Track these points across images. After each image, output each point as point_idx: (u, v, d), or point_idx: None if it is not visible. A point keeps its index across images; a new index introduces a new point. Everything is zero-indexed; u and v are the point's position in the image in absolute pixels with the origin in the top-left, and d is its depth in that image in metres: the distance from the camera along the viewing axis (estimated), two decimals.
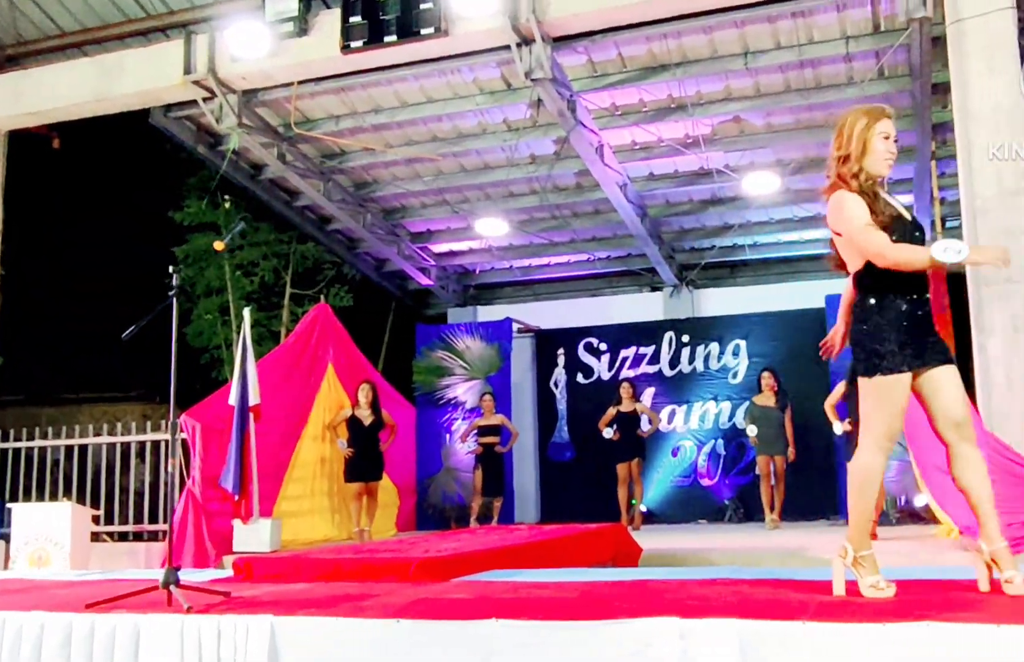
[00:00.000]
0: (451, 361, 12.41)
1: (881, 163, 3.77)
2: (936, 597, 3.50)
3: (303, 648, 3.65)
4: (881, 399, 3.72)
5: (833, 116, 9.51)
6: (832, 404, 8.79)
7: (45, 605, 4.23)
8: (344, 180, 11.82)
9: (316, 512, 9.63)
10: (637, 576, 4.93)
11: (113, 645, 3.92)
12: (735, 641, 3.06)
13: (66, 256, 17.79)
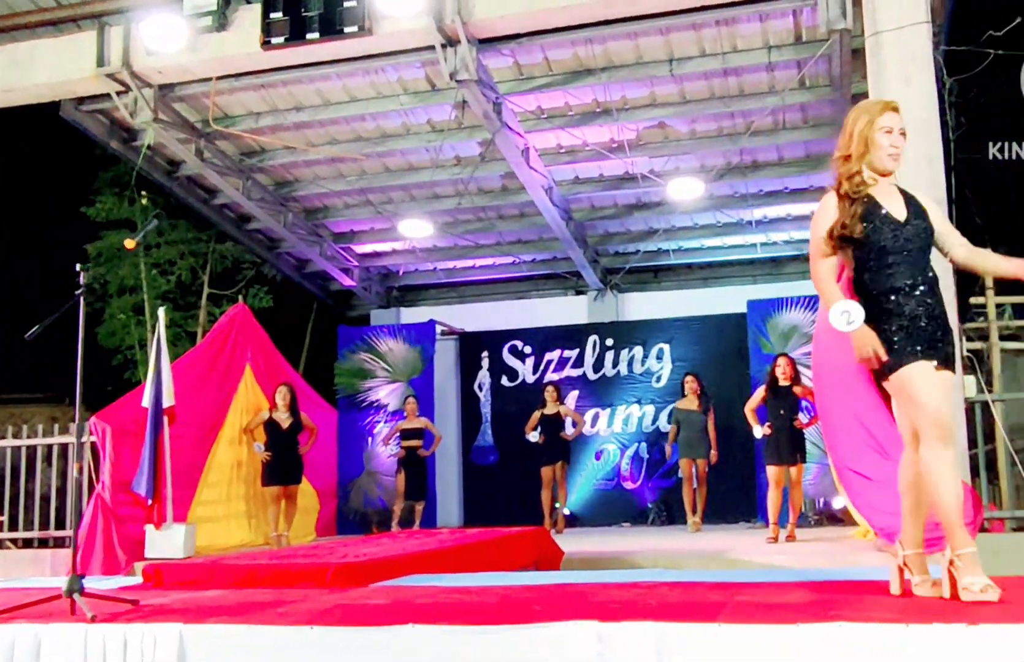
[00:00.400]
0: (373, 363, 12.29)
1: (885, 159, 3.72)
2: (848, 597, 3.55)
3: (213, 657, 3.55)
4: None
5: (755, 124, 9.74)
6: (752, 408, 8.92)
7: None
8: (264, 178, 11.61)
9: (232, 517, 9.43)
10: (557, 580, 4.91)
11: (12, 657, 3.75)
12: (652, 643, 3.07)
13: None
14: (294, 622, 3.62)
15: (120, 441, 8.03)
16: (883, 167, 3.74)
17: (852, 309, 3.58)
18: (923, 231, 3.70)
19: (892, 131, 3.71)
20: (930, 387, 3.55)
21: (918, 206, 3.74)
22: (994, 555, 6.41)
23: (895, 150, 3.72)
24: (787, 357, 9.12)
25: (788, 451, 8.64)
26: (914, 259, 3.67)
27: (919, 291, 3.64)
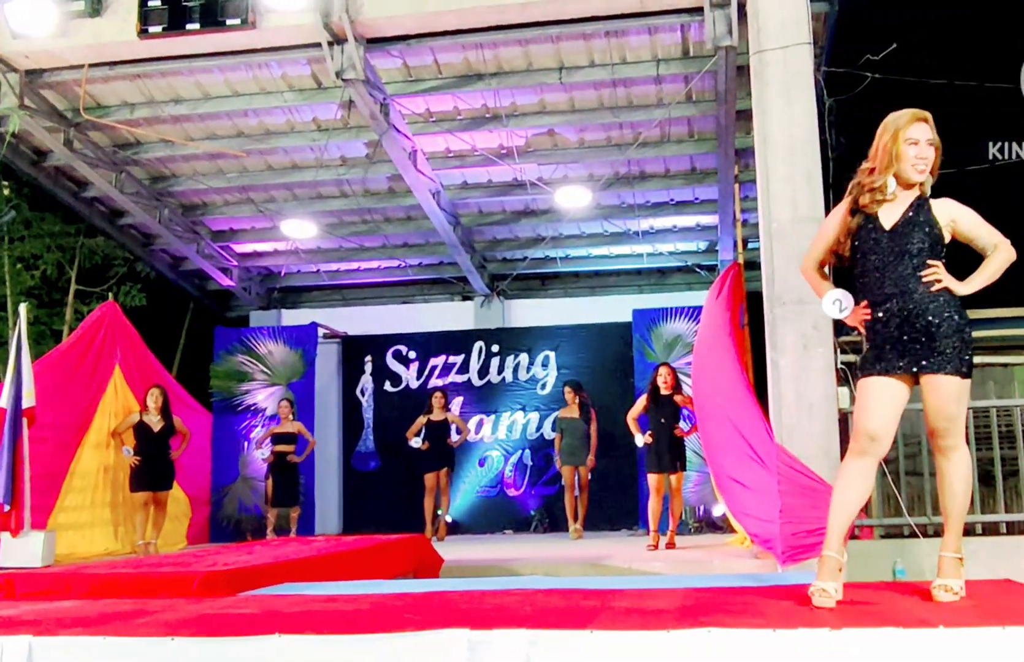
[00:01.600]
0: (252, 366, 11.96)
1: (910, 170, 3.71)
2: (722, 603, 3.57)
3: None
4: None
5: (642, 135, 9.87)
6: (634, 417, 9.01)
7: None
8: (139, 172, 11.18)
9: (97, 524, 9.03)
10: (432, 588, 4.82)
11: None
12: (523, 650, 3.02)
13: None
14: (154, 633, 3.44)
15: None
16: (908, 179, 3.73)
17: (843, 297, 3.70)
18: (910, 240, 3.68)
19: (919, 142, 3.71)
20: (866, 399, 3.67)
21: (923, 215, 3.72)
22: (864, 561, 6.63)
23: (920, 161, 3.71)
24: (668, 366, 9.26)
25: (668, 459, 8.76)
26: (890, 265, 3.68)
27: (892, 301, 3.66)
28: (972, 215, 3.76)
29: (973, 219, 3.75)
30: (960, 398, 3.61)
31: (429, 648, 3.12)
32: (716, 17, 7.79)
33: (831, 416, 6.65)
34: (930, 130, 3.74)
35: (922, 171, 3.72)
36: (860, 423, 3.66)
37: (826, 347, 6.75)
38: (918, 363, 3.60)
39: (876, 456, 3.67)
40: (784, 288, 6.80)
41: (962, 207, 3.76)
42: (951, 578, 3.54)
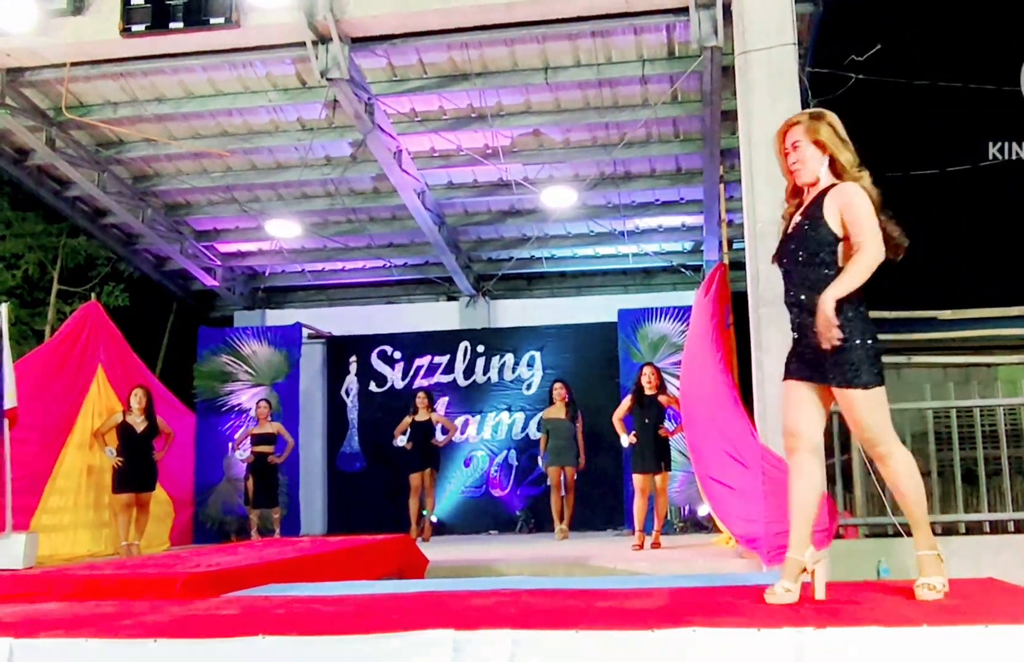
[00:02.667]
0: (236, 366, 11.92)
1: (791, 176, 3.84)
2: (706, 603, 3.57)
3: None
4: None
5: (628, 135, 9.88)
6: (619, 417, 9.01)
7: None
8: (122, 171, 11.13)
9: (80, 526, 8.98)
10: (417, 588, 4.80)
11: None
12: (507, 650, 3.02)
13: None
14: (136, 635, 3.42)
15: None
16: (795, 184, 3.84)
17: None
18: (799, 248, 3.72)
19: (788, 152, 3.80)
20: (784, 400, 3.77)
21: (811, 217, 3.71)
22: (848, 559, 6.65)
23: (796, 165, 3.78)
24: (652, 366, 9.27)
25: (653, 459, 8.77)
26: (790, 272, 3.76)
27: (793, 311, 3.76)
28: (856, 207, 3.62)
29: (854, 212, 3.62)
30: (871, 408, 3.61)
31: (414, 649, 3.11)
32: (701, 17, 7.80)
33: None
34: (799, 131, 3.77)
35: (799, 171, 3.78)
36: (783, 423, 3.80)
37: None
38: (822, 376, 3.66)
39: (806, 451, 3.74)
40: (769, 288, 6.80)
41: (853, 195, 3.65)
42: (933, 575, 3.55)
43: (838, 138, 3.74)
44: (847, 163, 3.71)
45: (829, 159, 3.73)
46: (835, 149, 3.72)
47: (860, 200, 3.62)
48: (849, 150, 3.74)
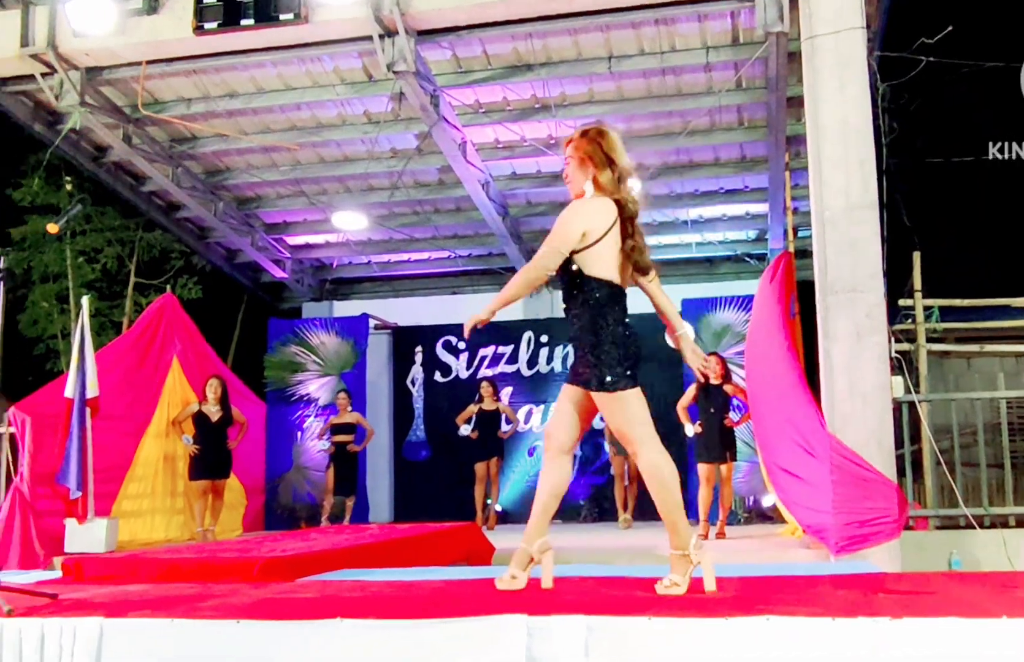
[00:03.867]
0: (305, 357, 12.13)
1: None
2: (777, 592, 3.57)
3: (134, 652, 3.44)
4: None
5: (691, 124, 9.82)
6: (684, 407, 9.00)
7: None
8: (195, 166, 11.37)
9: (158, 512, 9.23)
10: (487, 574, 4.87)
11: None
12: (581, 636, 3.06)
13: None
14: (219, 616, 3.54)
15: (40, 433, 7.79)
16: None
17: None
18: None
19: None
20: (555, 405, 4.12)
21: None
22: (919, 551, 6.58)
23: (565, 178, 4.12)
24: (717, 356, 9.23)
25: (718, 449, 8.74)
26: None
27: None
28: (559, 221, 3.94)
29: (556, 226, 3.94)
30: (613, 410, 3.90)
31: (488, 633, 3.16)
32: (767, 3, 7.70)
33: (885, 405, 6.59)
34: (571, 147, 4.07)
35: (569, 185, 4.10)
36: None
37: (880, 335, 6.69)
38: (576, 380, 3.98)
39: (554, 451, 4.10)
40: (837, 276, 6.75)
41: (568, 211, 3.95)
42: (675, 573, 3.80)
43: (603, 156, 3.95)
44: (606, 182, 3.94)
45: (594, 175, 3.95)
46: (598, 167, 3.94)
47: (568, 217, 3.93)
48: (614, 168, 3.95)
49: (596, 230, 3.89)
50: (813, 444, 6.78)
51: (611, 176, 3.95)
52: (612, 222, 3.91)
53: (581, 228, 3.88)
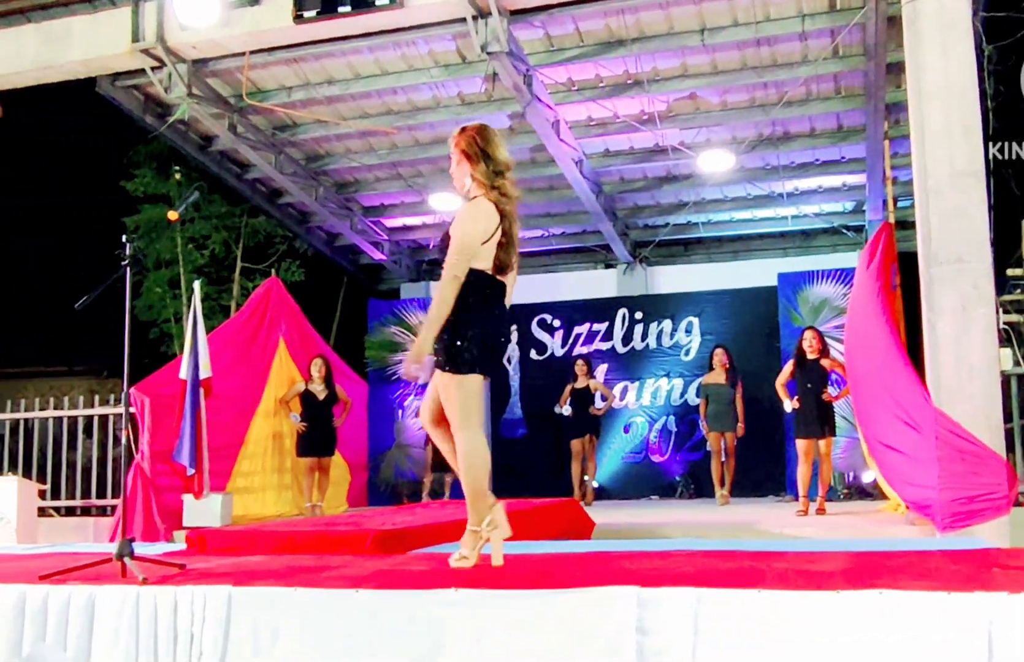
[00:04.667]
0: (404, 336, 12.38)
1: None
2: (886, 566, 3.57)
3: (262, 618, 3.63)
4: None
5: (787, 94, 9.68)
6: (782, 382, 8.93)
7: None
8: (296, 152, 11.67)
9: (268, 488, 9.56)
10: (592, 548, 4.96)
11: (67, 616, 3.86)
12: (691, 608, 3.09)
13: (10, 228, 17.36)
14: (340, 585, 3.69)
15: (158, 412, 8.15)
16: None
17: None
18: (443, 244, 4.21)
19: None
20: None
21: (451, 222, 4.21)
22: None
23: (451, 173, 4.31)
24: (814, 330, 9.09)
25: (817, 424, 8.64)
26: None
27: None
28: (457, 226, 4.12)
29: (454, 231, 4.12)
30: (446, 388, 4.13)
31: (599, 604, 3.23)
32: None
33: (992, 378, 6.43)
34: (452, 143, 4.25)
35: (453, 181, 4.28)
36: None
37: (987, 307, 6.52)
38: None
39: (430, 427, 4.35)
40: (942, 247, 6.60)
41: (462, 215, 4.14)
42: (465, 547, 4.17)
43: (478, 150, 4.14)
44: (481, 175, 4.13)
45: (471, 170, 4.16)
46: (473, 162, 4.14)
47: (464, 219, 4.11)
48: (489, 163, 4.14)
49: (489, 231, 4.11)
50: (917, 419, 6.68)
51: (486, 169, 4.14)
52: (498, 224, 4.14)
53: (484, 228, 4.10)
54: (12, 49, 9.51)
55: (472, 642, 3.30)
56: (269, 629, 3.59)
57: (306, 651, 3.51)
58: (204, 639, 3.69)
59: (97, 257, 12.89)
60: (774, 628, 2.97)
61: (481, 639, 3.29)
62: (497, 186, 4.16)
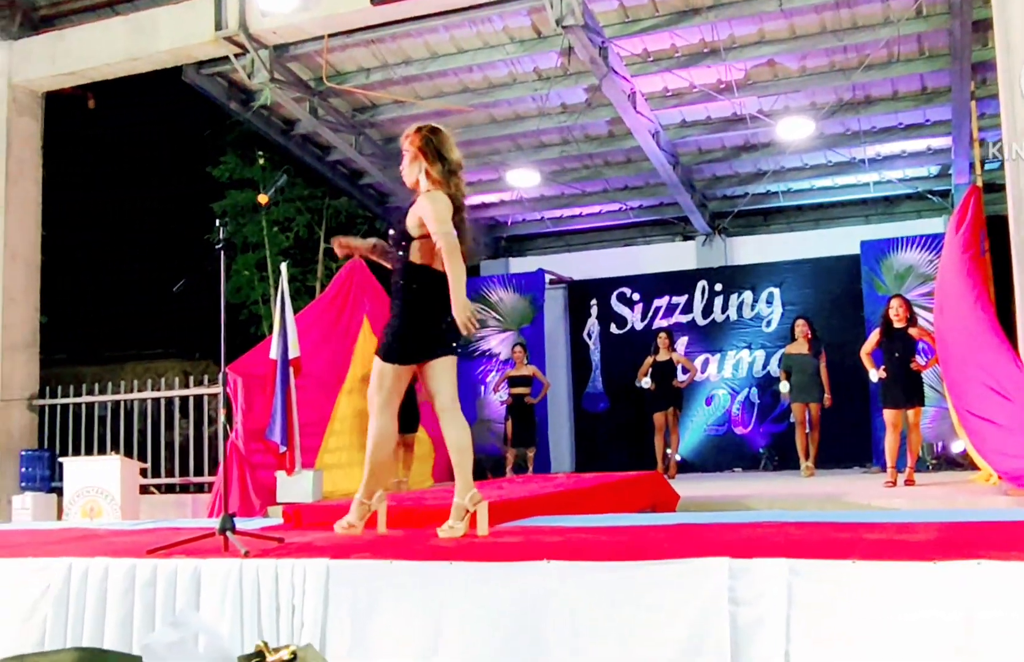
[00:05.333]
0: (485, 313, 12.51)
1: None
2: (982, 537, 3.52)
3: (360, 590, 3.72)
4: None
5: (868, 57, 9.47)
6: (868, 352, 8.77)
7: (107, 551, 4.33)
8: (375, 134, 11.84)
9: (355, 464, 9.68)
10: (681, 520, 4.98)
11: (175, 588, 4.03)
12: (784, 579, 3.08)
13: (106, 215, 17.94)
14: (436, 558, 3.77)
15: (251, 392, 8.36)
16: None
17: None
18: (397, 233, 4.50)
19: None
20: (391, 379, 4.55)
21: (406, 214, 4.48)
22: None
23: (402, 169, 4.59)
24: (901, 298, 8.90)
25: (905, 394, 8.46)
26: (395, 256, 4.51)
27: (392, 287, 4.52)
28: (428, 214, 4.33)
29: (428, 219, 4.32)
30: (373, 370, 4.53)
31: (692, 575, 3.24)
32: None
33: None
34: (407, 141, 4.53)
35: (405, 175, 4.57)
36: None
37: None
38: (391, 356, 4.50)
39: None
40: None
41: (425, 204, 4.34)
42: (455, 520, 4.48)
43: (434, 151, 4.42)
44: (436, 173, 4.41)
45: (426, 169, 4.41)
46: (430, 161, 4.41)
47: (427, 204, 4.33)
48: (444, 163, 4.42)
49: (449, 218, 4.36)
50: (1008, 388, 6.55)
51: (441, 168, 4.42)
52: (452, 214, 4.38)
53: (446, 213, 4.32)
54: (102, 41, 9.84)
55: (567, 614, 3.34)
56: (367, 601, 3.69)
57: (404, 623, 3.60)
58: (305, 611, 3.80)
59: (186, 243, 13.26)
60: (870, 599, 2.95)
61: (575, 611, 3.34)
62: (451, 183, 4.44)
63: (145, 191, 17.46)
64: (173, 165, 16.53)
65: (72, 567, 4.18)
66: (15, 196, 10.12)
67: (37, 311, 10.31)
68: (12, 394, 9.92)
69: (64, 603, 4.16)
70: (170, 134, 16.63)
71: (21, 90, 10.26)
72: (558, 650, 3.30)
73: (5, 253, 9.93)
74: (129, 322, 17.42)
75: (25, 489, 9.41)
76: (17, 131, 10.22)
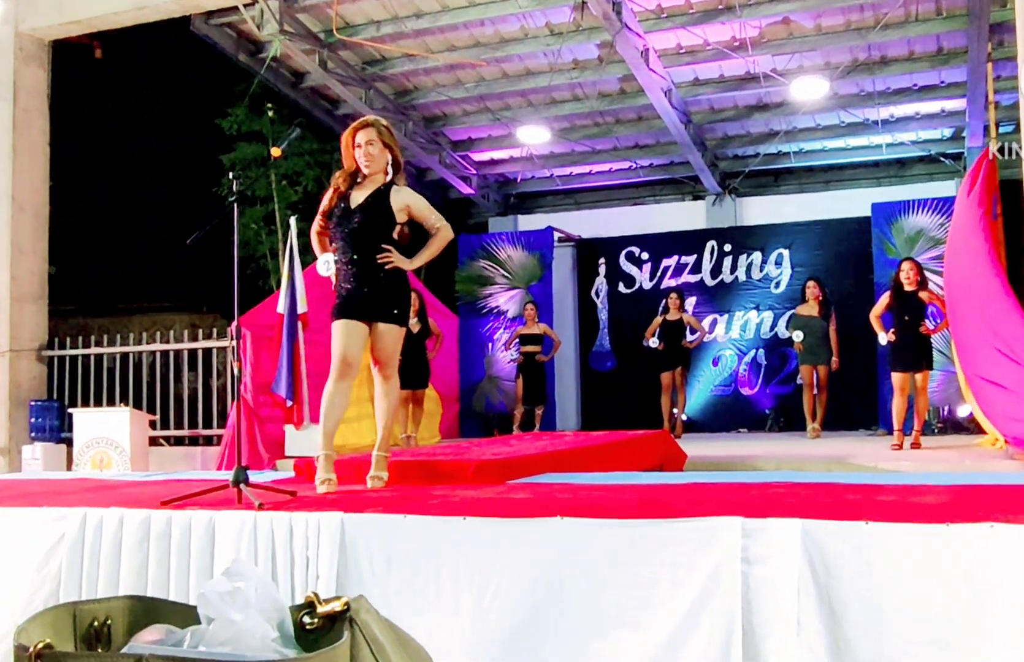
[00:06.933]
0: (493, 270, 12.49)
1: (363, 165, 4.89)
2: (991, 500, 3.53)
3: (374, 544, 3.75)
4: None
5: (886, 16, 9.36)
6: (877, 315, 8.76)
7: (122, 502, 4.36)
8: (385, 88, 11.76)
9: (364, 418, 9.72)
10: (691, 479, 5.00)
11: (189, 539, 4.06)
12: (797, 539, 3.09)
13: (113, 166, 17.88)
14: (448, 513, 3.80)
15: (259, 346, 8.39)
16: (363, 172, 4.90)
17: (330, 260, 4.92)
18: (364, 220, 4.80)
19: (361, 146, 4.84)
20: (338, 336, 4.98)
21: (380, 201, 4.83)
22: None
23: (365, 159, 4.85)
24: (912, 261, 8.86)
25: (913, 357, 8.46)
26: (349, 239, 4.83)
27: (347, 265, 4.85)
28: (421, 202, 4.98)
29: (421, 205, 4.96)
30: (396, 340, 5.04)
31: (704, 534, 3.25)
32: None
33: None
34: (373, 133, 4.86)
35: (371, 163, 4.86)
36: (336, 354, 4.98)
37: None
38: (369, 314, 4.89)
39: (351, 378, 5.09)
40: None
41: (414, 196, 4.94)
42: (380, 470, 5.05)
43: (397, 146, 4.97)
44: (396, 166, 4.95)
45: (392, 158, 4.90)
46: (395, 152, 4.93)
47: (424, 202, 5.01)
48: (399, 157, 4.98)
49: None
50: (1019, 352, 6.55)
51: (399, 163, 4.97)
52: None
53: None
54: None
55: (579, 571, 3.37)
56: (383, 555, 3.72)
57: (419, 576, 3.63)
58: (320, 563, 3.83)
59: (194, 196, 13.21)
60: (883, 560, 2.97)
61: (588, 568, 3.36)
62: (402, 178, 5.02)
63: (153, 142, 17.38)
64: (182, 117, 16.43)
65: (87, 517, 4.21)
66: (22, 146, 10.07)
67: (46, 262, 10.30)
68: (21, 344, 9.95)
69: (79, 552, 4.19)
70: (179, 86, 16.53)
71: (27, 38, 10.19)
72: (574, 603, 3.33)
73: (13, 204, 9.90)
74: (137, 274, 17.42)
75: (35, 439, 9.48)
76: (24, 80, 10.16)
